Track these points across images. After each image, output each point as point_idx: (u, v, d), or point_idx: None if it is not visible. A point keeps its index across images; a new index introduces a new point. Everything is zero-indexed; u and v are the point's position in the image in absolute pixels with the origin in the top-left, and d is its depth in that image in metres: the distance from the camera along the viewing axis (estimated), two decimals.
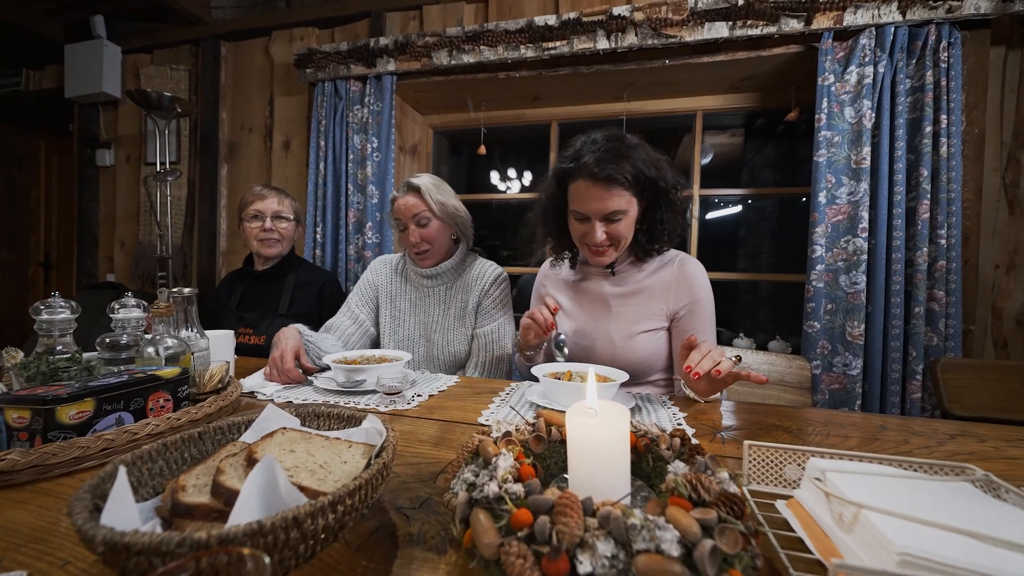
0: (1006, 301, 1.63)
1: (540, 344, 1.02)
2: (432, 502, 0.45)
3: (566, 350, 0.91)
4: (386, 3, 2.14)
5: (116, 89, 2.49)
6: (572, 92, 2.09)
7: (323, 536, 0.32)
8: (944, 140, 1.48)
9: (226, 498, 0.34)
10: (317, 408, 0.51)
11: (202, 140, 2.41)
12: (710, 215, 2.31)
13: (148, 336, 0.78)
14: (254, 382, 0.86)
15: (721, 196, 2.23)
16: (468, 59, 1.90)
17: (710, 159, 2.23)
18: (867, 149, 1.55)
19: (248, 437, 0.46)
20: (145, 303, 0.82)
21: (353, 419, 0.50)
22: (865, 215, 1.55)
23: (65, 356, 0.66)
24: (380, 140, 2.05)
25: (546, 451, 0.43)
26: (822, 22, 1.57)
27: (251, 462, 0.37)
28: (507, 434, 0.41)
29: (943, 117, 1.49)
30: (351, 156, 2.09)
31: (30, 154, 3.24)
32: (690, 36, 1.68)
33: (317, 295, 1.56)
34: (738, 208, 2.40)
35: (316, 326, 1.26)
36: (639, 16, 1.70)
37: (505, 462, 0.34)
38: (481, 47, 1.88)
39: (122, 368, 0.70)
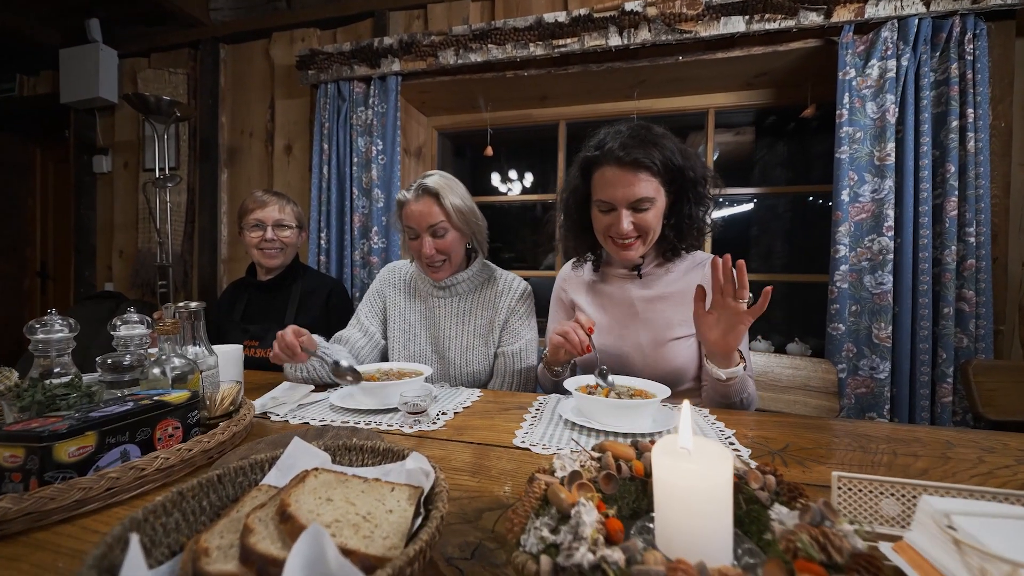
0: None
1: (569, 361, 0.96)
2: (484, 549, 0.39)
3: (610, 378, 0.83)
4: (389, 2, 2.09)
5: (113, 94, 2.43)
6: (581, 91, 2.04)
7: None
8: (971, 135, 1.44)
9: (259, 567, 0.28)
10: (348, 441, 0.45)
11: (202, 145, 2.36)
12: (719, 214, 2.26)
13: (153, 352, 0.72)
14: (265, 402, 0.81)
15: (732, 195, 2.18)
16: (476, 58, 1.85)
17: (716, 157, 2.18)
18: (891, 145, 1.50)
19: (273, 478, 0.40)
20: (149, 319, 0.76)
21: (389, 453, 0.44)
22: (891, 213, 1.50)
23: (63, 382, 0.60)
24: (385, 142, 1.99)
25: (617, 493, 0.38)
26: (842, 15, 1.52)
27: (284, 517, 0.31)
28: (576, 475, 0.36)
29: (969, 111, 1.44)
30: (355, 159, 2.03)
31: (25, 162, 3.17)
32: (705, 31, 1.63)
33: (324, 304, 1.50)
34: (749, 206, 2.35)
35: (325, 336, 1.19)
36: (652, 11, 1.65)
37: (589, 516, 0.29)
38: (489, 45, 1.83)
39: (126, 393, 0.64)
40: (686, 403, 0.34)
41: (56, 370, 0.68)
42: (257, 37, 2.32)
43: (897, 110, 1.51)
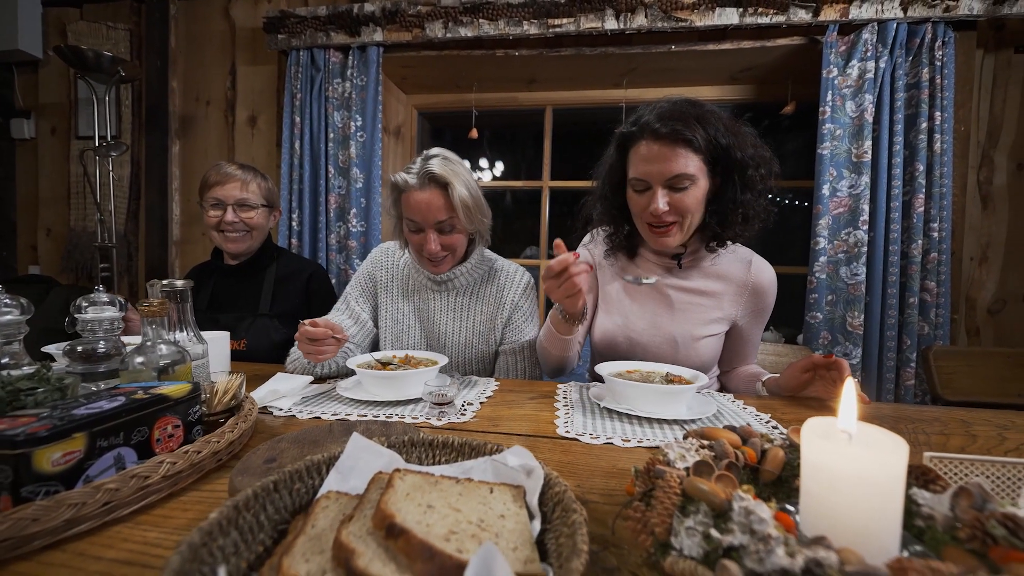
0: (979, 292, 1.75)
1: (584, 310, 0.86)
2: (598, 555, 0.35)
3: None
4: None
5: (36, 48, 2.11)
6: (571, 75, 1.99)
7: None
8: (938, 136, 1.54)
9: None
10: (415, 436, 0.39)
11: (148, 112, 2.10)
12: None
13: (128, 340, 0.61)
14: (265, 395, 0.71)
15: None
16: (466, 32, 1.76)
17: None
18: (868, 143, 1.58)
19: (335, 482, 0.34)
20: (120, 299, 0.64)
21: (466, 448, 0.38)
22: (866, 208, 1.59)
23: (26, 373, 0.49)
24: (365, 118, 1.86)
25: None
26: (829, 14, 1.57)
27: (394, 532, 0.25)
28: (705, 466, 0.32)
29: (937, 114, 1.54)
30: (331, 135, 1.88)
31: None
32: (700, 21, 1.64)
33: (303, 289, 1.37)
34: None
35: None
36: None
37: (764, 512, 0.25)
38: (480, 20, 1.74)
39: (104, 385, 0.53)
40: (849, 381, 0.31)
41: (4, 360, 0.56)
42: None
43: (874, 110, 1.59)
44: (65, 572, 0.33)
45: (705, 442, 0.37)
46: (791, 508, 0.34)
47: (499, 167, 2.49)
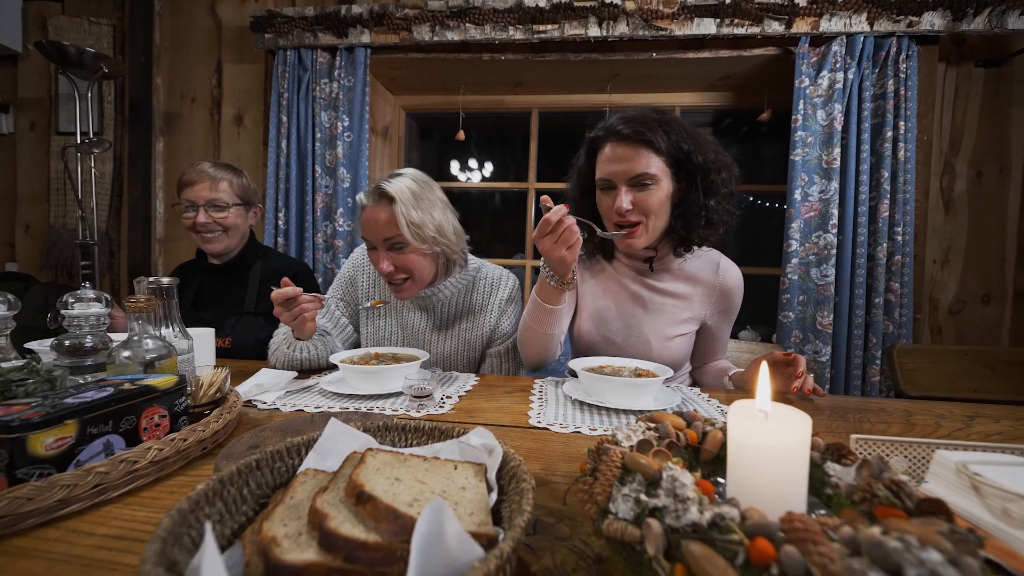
0: (941, 292, 1.84)
1: (574, 275, 0.87)
2: (544, 526, 0.39)
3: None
4: None
5: (16, 42, 2.08)
6: (556, 80, 2.04)
7: None
8: (902, 145, 1.62)
9: (347, 552, 0.26)
10: (390, 422, 0.42)
11: (132, 108, 2.08)
12: None
13: (114, 337, 0.63)
14: (249, 389, 0.74)
15: None
16: (453, 36, 1.79)
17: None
18: (837, 150, 1.66)
19: (313, 462, 0.37)
20: (107, 296, 0.66)
21: (436, 432, 0.42)
22: (835, 212, 1.66)
23: (16, 365, 0.51)
24: (352, 118, 1.88)
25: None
26: (801, 26, 1.64)
27: (363, 499, 0.28)
28: (646, 444, 0.36)
29: (901, 123, 1.62)
30: (318, 135, 1.90)
31: None
32: (679, 30, 1.69)
33: None
34: None
35: None
36: (631, 5, 1.68)
37: (686, 477, 0.29)
38: (467, 24, 1.77)
39: (91, 378, 0.55)
40: (764, 365, 0.35)
41: None
42: None
43: (843, 118, 1.66)
44: (59, 546, 0.36)
45: (652, 425, 0.41)
46: (723, 481, 0.38)
47: (487, 168, 2.53)
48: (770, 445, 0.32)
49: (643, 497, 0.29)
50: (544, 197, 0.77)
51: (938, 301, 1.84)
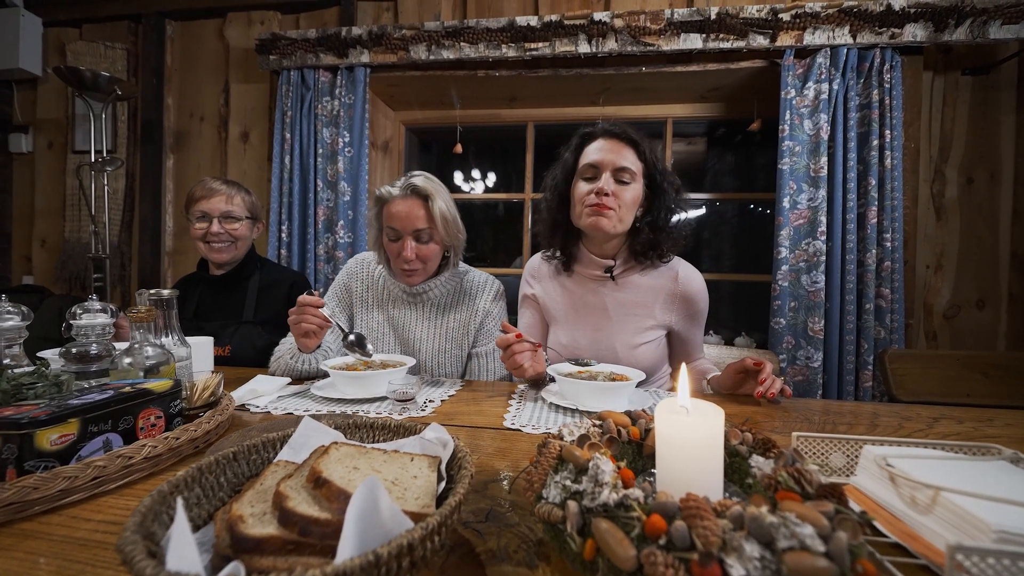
0: (935, 298, 1.84)
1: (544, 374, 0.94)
2: (496, 513, 0.42)
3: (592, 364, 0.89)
4: None
5: (36, 66, 2.19)
6: (550, 94, 2.10)
7: (422, 562, 0.28)
8: (888, 153, 1.65)
9: (301, 527, 0.30)
10: (359, 419, 0.46)
11: (144, 127, 2.18)
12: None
13: (118, 345, 0.68)
14: (243, 394, 0.78)
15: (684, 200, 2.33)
16: (448, 55, 1.86)
17: (672, 164, 2.33)
18: (824, 159, 1.69)
19: (287, 455, 0.41)
20: (112, 307, 0.72)
21: (401, 429, 0.46)
22: (823, 219, 1.68)
23: (28, 370, 0.56)
24: (353, 134, 1.95)
25: (618, 453, 0.42)
26: (785, 40, 1.69)
27: (319, 483, 0.32)
28: (584, 438, 0.40)
29: (887, 132, 1.65)
30: (320, 151, 1.97)
31: None
32: (667, 45, 1.75)
33: (286, 298, 1.43)
34: (701, 211, 2.53)
35: (287, 333, 1.14)
36: (619, 23, 1.74)
37: (607, 466, 0.33)
38: (461, 43, 1.84)
39: (95, 383, 0.60)
40: (684, 367, 0.38)
41: (6, 361, 0.63)
42: (209, 16, 2.18)
43: (829, 128, 1.69)
44: (61, 530, 0.40)
45: (597, 422, 0.45)
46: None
47: (488, 180, 2.59)
48: (689, 436, 0.35)
49: (568, 483, 0.33)
50: (503, 323, 0.91)
51: (932, 306, 1.84)
